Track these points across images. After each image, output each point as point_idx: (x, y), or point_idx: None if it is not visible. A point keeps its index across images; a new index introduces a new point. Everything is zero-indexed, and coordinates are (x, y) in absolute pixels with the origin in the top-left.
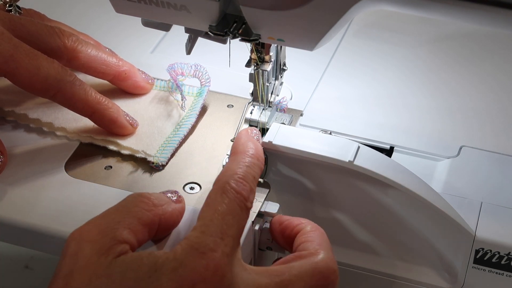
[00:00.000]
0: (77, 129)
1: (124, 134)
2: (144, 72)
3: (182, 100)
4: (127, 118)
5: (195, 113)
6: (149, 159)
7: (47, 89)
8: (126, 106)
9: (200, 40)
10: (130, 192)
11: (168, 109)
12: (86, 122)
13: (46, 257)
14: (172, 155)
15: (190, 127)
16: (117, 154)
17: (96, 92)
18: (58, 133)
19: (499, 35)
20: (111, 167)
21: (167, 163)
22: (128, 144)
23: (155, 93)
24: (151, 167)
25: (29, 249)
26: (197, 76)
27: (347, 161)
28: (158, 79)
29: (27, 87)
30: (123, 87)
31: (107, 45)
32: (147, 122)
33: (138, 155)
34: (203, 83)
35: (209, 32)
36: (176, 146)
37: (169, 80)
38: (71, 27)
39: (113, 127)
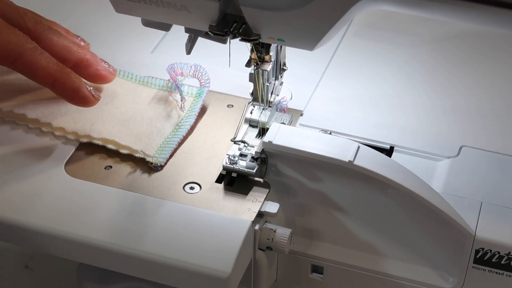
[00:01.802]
0: (76, 129)
1: (86, 106)
2: (107, 62)
3: (181, 101)
4: (90, 89)
5: (194, 114)
6: (148, 159)
7: (6, 55)
8: (125, 106)
9: (200, 40)
10: (130, 192)
11: (167, 110)
12: (84, 122)
13: (46, 257)
14: (171, 156)
15: (189, 128)
16: (116, 154)
17: (58, 62)
18: (56, 133)
19: (499, 35)
20: (111, 167)
21: (165, 164)
22: (127, 143)
23: (154, 93)
24: (149, 167)
25: (29, 249)
26: (196, 76)
27: (347, 161)
28: (157, 78)
29: None
30: (84, 75)
31: (107, 45)
32: (146, 122)
33: (136, 155)
34: (203, 83)
35: (209, 32)
36: (175, 146)
37: (168, 80)
38: (72, 26)
39: (75, 97)
